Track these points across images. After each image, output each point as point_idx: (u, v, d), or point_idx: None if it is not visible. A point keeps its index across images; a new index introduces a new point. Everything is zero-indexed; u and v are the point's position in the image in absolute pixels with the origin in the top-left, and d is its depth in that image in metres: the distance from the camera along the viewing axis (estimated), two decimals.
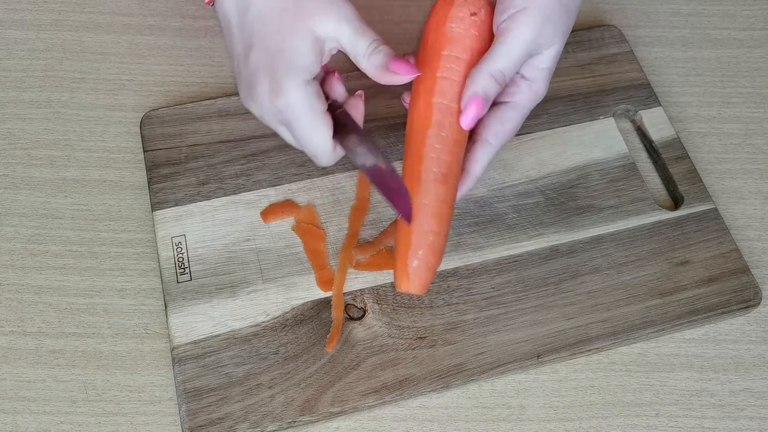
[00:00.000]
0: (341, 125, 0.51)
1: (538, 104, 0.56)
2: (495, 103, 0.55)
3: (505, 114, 0.54)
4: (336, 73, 0.54)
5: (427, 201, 0.52)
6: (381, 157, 0.50)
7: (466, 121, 0.52)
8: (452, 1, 0.54)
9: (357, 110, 0.53)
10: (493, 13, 0.53)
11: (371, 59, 0.50)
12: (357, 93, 0.54)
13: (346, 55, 0.52)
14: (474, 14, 0.53)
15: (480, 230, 0.62)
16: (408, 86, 0.54)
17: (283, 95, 0.49)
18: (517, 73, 0.54)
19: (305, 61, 0.49)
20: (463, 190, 0.55)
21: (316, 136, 0.51)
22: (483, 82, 0.51)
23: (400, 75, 0.50)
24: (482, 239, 0.61)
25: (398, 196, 0.50)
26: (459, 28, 0.53)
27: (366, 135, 0.51)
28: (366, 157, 0.50)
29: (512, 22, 0.51)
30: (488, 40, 0.54)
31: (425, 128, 0.52)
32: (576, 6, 0.54)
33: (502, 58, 0.51)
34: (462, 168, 0.54)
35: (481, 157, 0.54)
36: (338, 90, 0.54)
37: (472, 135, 0.55)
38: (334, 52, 0.52)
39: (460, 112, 0.52)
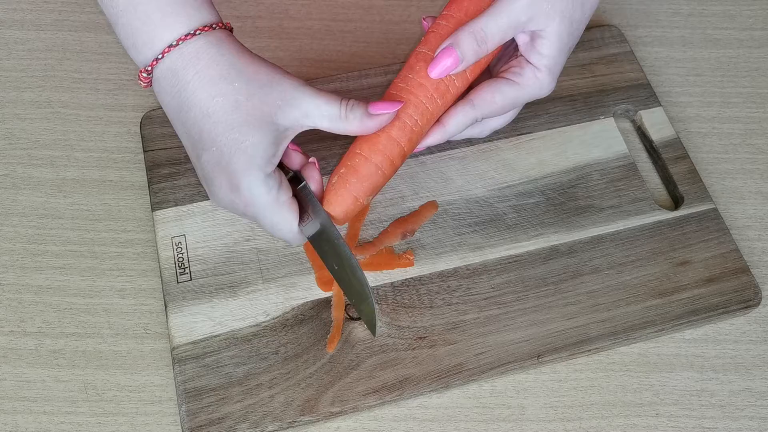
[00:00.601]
0: (304, 204, 0.51)
1: (539, 103, 0.55)
2: (496, 77, 0.54)
3: (500, 86, 0.53)
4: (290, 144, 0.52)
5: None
6: (345, 253, 0.51)
7: (433, 69, 0.52)
8: None
9: (314, 181, 0.52)
10: None
11: (350, 117, 0.49)
12: (310, 160, 0.52)
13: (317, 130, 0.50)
14: None
15: (480, 230, 0.62)
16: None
17: (245, 193, 0.48)
18: (522, 57, 0.53)
19: (266, 155, 0.47)
20: (428, 140, 0.54)
21: (283, 227, 0.50)
22: (461, 37, 0.51)
23: (385, 113, 0.50)
24: (482, 239, 0.61)
25: (362, 300, 0.51)
26: None
27: (327, 219, 0.51)
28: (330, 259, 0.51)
29: None
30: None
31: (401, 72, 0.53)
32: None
33: (486, 17, 0.51)
34: (438, 119, 0.54)
35: (457, 114, 0.53)
36: (295, 159, 0.52)
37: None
38: (296, 133, 0.50)
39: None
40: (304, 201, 0.51)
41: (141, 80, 0.48)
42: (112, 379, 0.57)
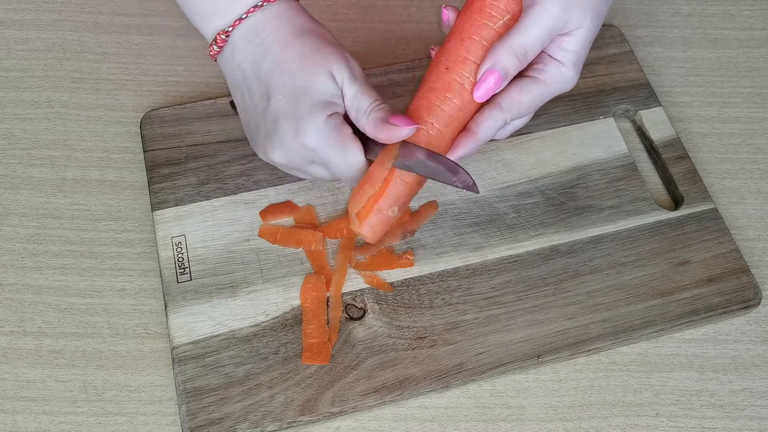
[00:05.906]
0: (364, 139, 0.53)
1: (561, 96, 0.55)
2: (519, 76, 0.53)
3: (526, 86, 0.53)
4: None
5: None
6: (423, 149, 0.52)
7: (479, 93, 0.52)
8: None
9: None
10: None
11: (371, 115, 0.51)
12: None
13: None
14: None
15: (480, 230, 0.62)
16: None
17: (311, 134, 0.50)
18: (544, 52, 0.53)
19: (329, 94, 0.51)
20: (459, 151, 0.53)
21: (351, 160, 0.52)
22: (501, 56, 0.51)
23: (399, 128, 0.51)
24: (482, 239, 0.61)
25: (456, 173, 0.52)
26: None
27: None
28: (411, 157, 0.52)
29: None
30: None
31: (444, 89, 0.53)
32: None
33: (523, 34, 0.51)
34: (465, 128, 0.53)
35: (486, 119, 0.53)
36: None
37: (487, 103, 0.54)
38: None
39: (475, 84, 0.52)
40: (364, 137, 0.53)
41: (216, 44, 0.52)
42: (112, 379, 0.57)
